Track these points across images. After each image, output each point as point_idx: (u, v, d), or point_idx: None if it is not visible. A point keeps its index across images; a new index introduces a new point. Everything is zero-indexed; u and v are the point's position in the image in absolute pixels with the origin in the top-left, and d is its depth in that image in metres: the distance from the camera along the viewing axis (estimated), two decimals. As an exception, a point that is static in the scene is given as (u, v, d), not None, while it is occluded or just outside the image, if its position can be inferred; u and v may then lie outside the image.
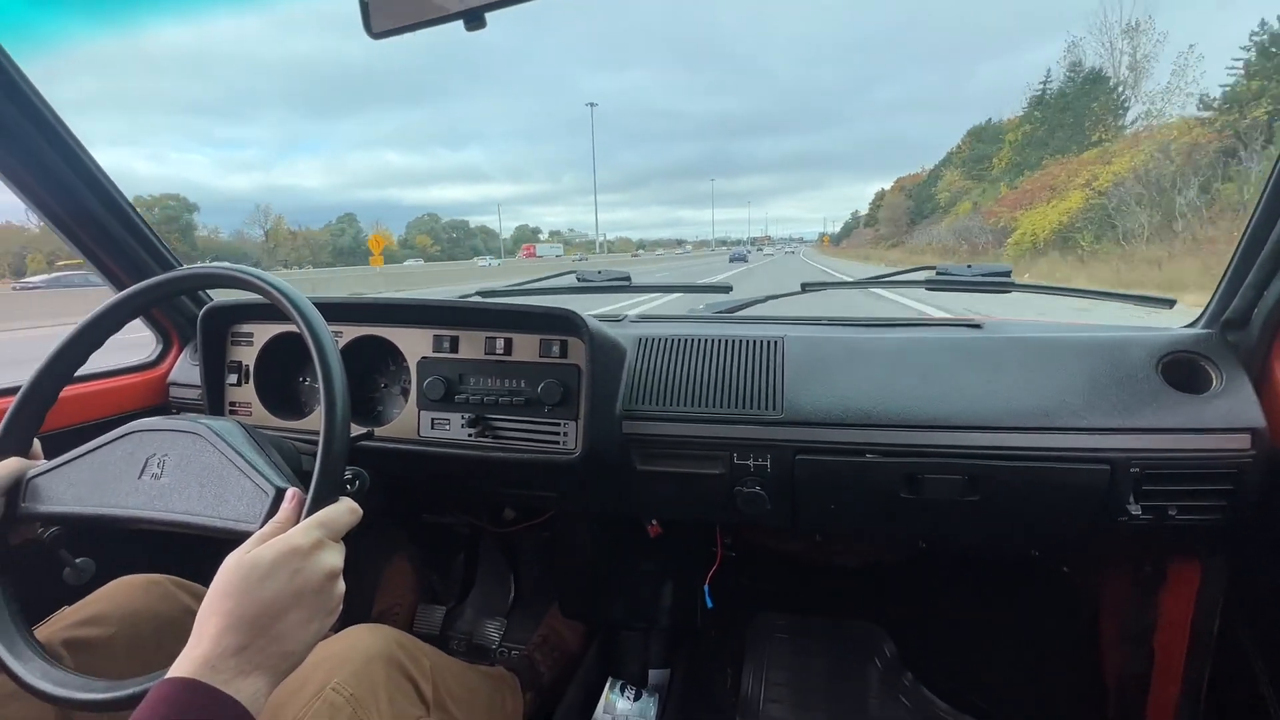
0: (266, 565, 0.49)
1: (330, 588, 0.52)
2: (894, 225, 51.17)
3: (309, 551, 0.51)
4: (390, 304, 1.00)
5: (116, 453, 0.67)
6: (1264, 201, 0.82)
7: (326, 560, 0.52)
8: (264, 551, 0.50)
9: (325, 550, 0.53)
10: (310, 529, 0.53)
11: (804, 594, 1.47)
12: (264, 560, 0.49)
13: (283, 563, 0.50)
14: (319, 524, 0.54)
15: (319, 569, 0.51)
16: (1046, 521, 0.90)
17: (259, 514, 0.59)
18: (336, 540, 0.55)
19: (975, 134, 43.52)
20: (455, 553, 1.58)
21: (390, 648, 0.75)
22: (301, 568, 0.50)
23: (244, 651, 0.46)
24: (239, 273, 0.70)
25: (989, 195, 32.12)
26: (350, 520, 0.57)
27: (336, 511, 0.56)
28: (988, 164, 38.02)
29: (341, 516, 0.56)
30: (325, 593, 0.52)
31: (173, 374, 1.24)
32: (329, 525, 0.55)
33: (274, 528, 0.54)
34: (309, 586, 0.50)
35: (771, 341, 0.98)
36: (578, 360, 0.93)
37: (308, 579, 0.50)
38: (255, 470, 0.62)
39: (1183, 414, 0.82)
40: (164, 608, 0.83)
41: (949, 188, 41.72)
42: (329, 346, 0.64)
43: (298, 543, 0.51)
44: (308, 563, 0.51)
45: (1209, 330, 0.90)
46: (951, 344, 0.95)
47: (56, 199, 1.01)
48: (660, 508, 1.11)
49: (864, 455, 0.89)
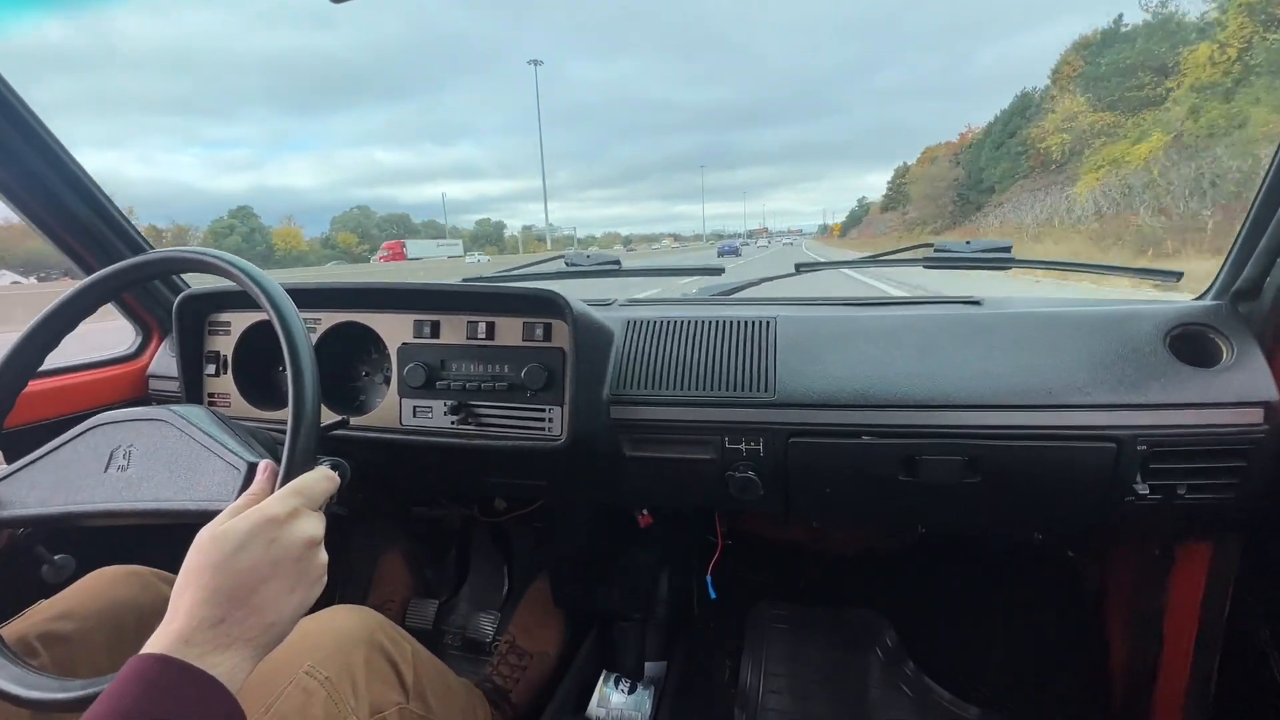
0: (241, 535, 0.47)
1: (310, 556, 0.50)
2: (935, 205, 39.49)
3: (285, 519, 0.49)
4: (369, 289, 0.97)
5: (80, 449, 0.65)
6: (1275, 168, 0.78)
7: (304, 528, 0.50)
8: (238, 522, 0.48)
9: (303, 518, 0.51)
10: (286, 497, 0.51)
11: (803, 582, 1.45)
12: (238, 530, 0.47)
13: (258, 532, 0.48)
14: (294, 491, 0.52)
15: (297, 536, 0.49)
16: (1050, 503, 0.86)
17: (232, 490, 0.58)
18: (315, 508, 0.53)
19: (1106, 39, 27.08)
20: (448, 545, 1.55)
21: (371, 629, 0.73)
22: (278, 536, 0.48)
23: (221, 625, 0.44)
24: (206, 256, 0.68)
25: (1215, 117, 16.75)
26: (327, 487, 0.55)
27: (312, 478, 0.54)
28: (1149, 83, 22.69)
29: (318, 484, 0.54)
30: (305, 561, 0.49)
31: (152, 366, 1.21)
32: (305, 492, 0.53)
33: (247, 499, 0.52)
34: (287, 555, 0.48)
35: (763, 322, 0.95)
36: (562, 343, 0.90)
37: (286, 547, 0.48)
38: (225, 448, 0.61)
39: (1192, 389, 0.78)
40: (146, 599, 0.81)
41: (1067, 126, 26.01)
42: (294, 323, 0.62)
43: (273, 511, 0.49)
44: (284, 531, 0.49)
45: (1219, 302, 0.86)
46: (950, 321, 0.92)
47: (18, 181, 0.97)
48: (651, 495, 1.08)
49: (860, 437, 0.85)
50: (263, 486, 0.54)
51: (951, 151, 43.32)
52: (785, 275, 1.24)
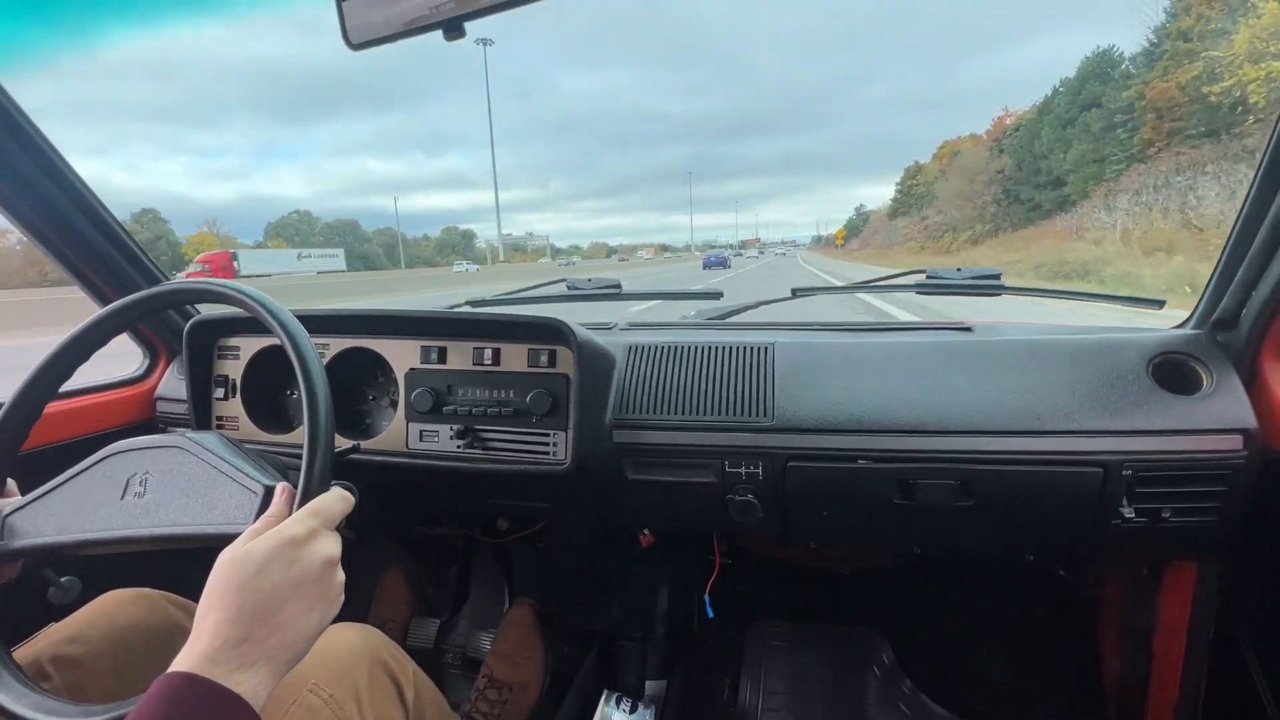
0: (261, 557, 0.49)
1: (329, 575, 0.52)
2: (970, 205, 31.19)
3: (304, 540, 0.51)
4: (377, 315, 1.00)
5: (96, 477, 0.66)
6: (1250, 200, 0.82)
7: (323, 548, 0.52)
8: (258, 544, 0.50)
9: (321, 538, 0.53)
10: (304, 518, 0.53)
11: (800, 601, 1.46)
12: (258, 552, 0.49)
13: (278, 554, 0.49)
14: (312, 513, 0.54)
15: (316, 557, 0.51)
16: (1041, 526, 0.89)
17: (249, 514, 0.59)
18: (331, 528, 0.55)
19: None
20: (449, 565, 1.56)
21: (375, 647, 0.74)
22: (298, 557, 0.50)
23: (244, 644, 0.46)
24: (221, 288, 0.70)
25: None
26: (343, 508, 0.57)
27: (329, 499, 0.56)
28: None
29: (334, 504, 0.56)
30: (324, 581, 0.51)
31: (160, 389, 1.23)
32: (323, 513, 0.54)
33: (266, 521, 0.53)
34: (307, 575, 0.50)
35: (761, 347, 0.98)
36: (566, 369, 0.92)
37: (305, 568, 0.50)
38: (241, 473, 0.62)
39: (1174, 415, 0.81)
40: (154, 622, 0.82)
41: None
42: (308, 351, 0.64)
43: (292, 532, 0.51)
44: (303, 551, 0.50)
45: (1198, 331, 0.89)
46: (942, 347, 0.95)
47: (39, 213, 1.00)
48: (652, 517, 1.10)
49: (856, 461, 0.88)
50: (281, 509, 0.56)
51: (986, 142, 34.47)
52: (781, 300, 1.27)
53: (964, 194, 32.48)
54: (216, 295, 0.70)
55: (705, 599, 1.29)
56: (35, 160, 0.95)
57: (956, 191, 33.56)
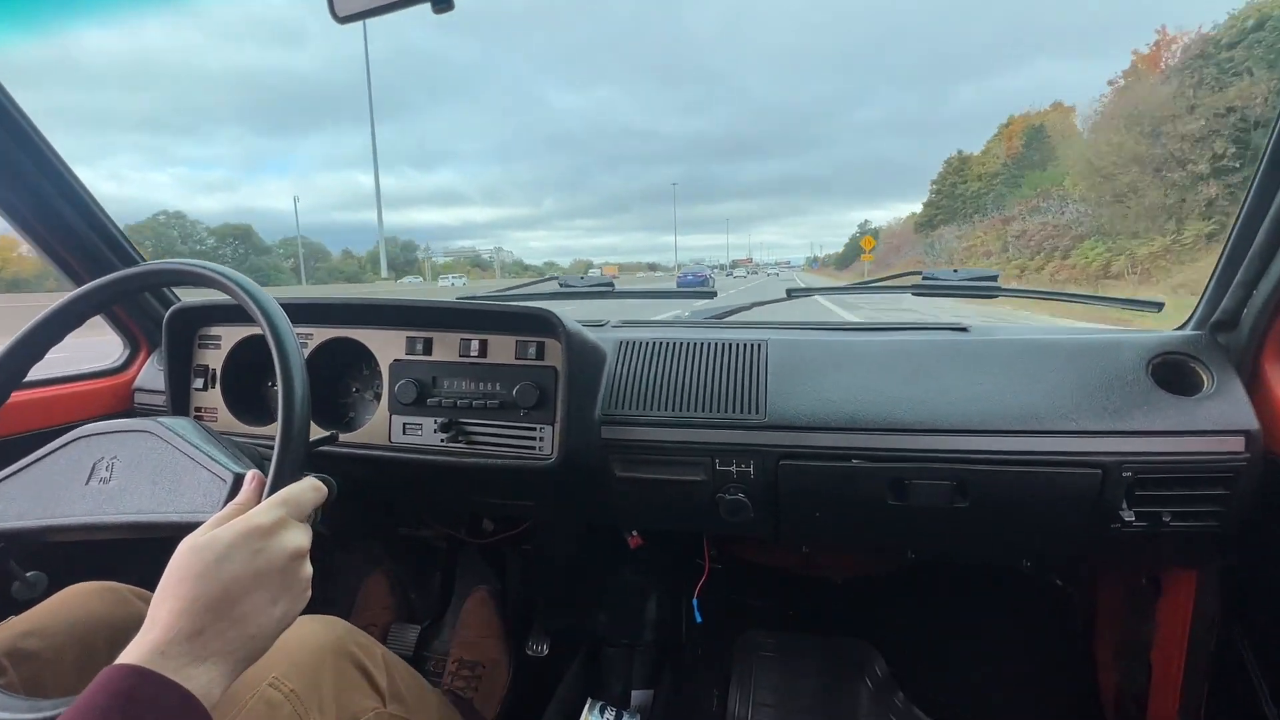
0: (224, 545, 0.46)
1: (295, 568, 0.49)
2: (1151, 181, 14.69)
3: (271, 530, 0.48)
4: (362, 305, 0.98)
5: (60, 461, 0.65)
6: (1249, 200, 0.81)
7: (290, 539, 0.49)
8: (221, 532, 0.47)
9: (289, 529, 0.50)
10: (272, 507, 0.50)
11: (792, 609, 1.43)
12: (221, 540, 0.46)
13: (242, 542, 0.47)
14: (281, 501, 0.51)
15: (282, 548, 0.48)
16: (1038, 529, 0.87)
17: (217, 502, 0.57)
18: (302, 519, 0.52)
19: None
20: (433, 568, 1.53)
21: (339, 637, 0.71)
22: (263, 547, 0.47)
23: (199, 637, 0.43)
24: (202, 269, 0.68)
25: None
26: (315, 498, 0.54)
27: (300, 489, 0.53)
28: None
29: (305, 494, 0.53)
30: (290, 573, 0.48)
31: (139, 379, 1.20)
32: (292, 503, 0.52)
33: (233, 509, 0.51)
34: (271, 566, 0.47)
35: (754, 345, 0.96)
36: (555, 362, 0.90)
37: (270, 558, 0.47)
38: (211, 459, 0.60)
39: (1174, 416, 0.80)
40: (119, 615, 0.79)
41: None
42: (286, 335, 0.62)
43: (258, 521, 0.48)
44: (269, 541, 0.48)
45: (1199, 332, 0.88)
46: (938, 346, 0.93)
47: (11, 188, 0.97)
48: (641, 516, 1.07)
49: (849, 460, 0.86)
50: (249, 496, 0.53)
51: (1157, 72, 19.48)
52: (776, 300, 1.25)
53: (1130, 162, 17.26)
54: (196, 277, 0.68)
55: (694, 603, 1.26)
56: (11, 135, 0.92)
57: (1111, 161, 18.28)
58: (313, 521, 0.56)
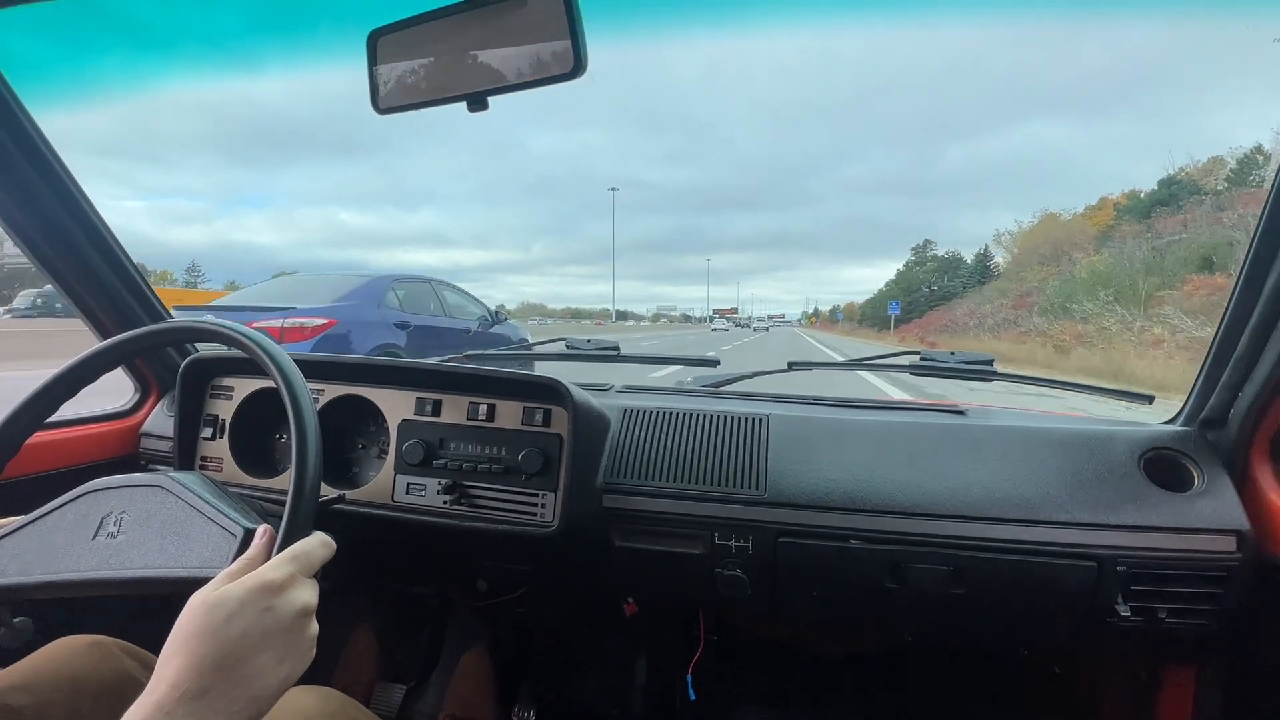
0: (234, 602, 0.46)
1: (302, 626, 0.49)
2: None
3: (281, 587, 0.49)
4: (374, 364, 1.00)
5: (68, 516, 0.64)
6: (1234, 301, 0.84)
7: (299, 597, 0.50)
8: (233, 588, 0.47)
9: (298, 586, 0.50)
10: (282, 563, 0.51)
11: (785, 685, 1.40)
12: (231, 597, 0.47)
13: (252, 600, 0.47)
14: (291, 558, 0.51)
15: (291, 606, 0.48)
16: (1036, 620, 0.87)
17: (226, 556, 0.57)
18: (310, 575, 0.53)
19: None
20: (422, 626, 1.50)
21: (334, 712, 0.70)
22: (272, 605, 0.47)
23: (204, 696, 0.43)
24: (222, 329, 0.70)
25: None
26: (324, 554, 0.55)
27: (309, 545, 0.54)
28: None
29: (315, 550, 0.54)
30: (296, 631, 0.49)
31: (146, 424, 1.21)
32: (302, 559, 0.52)
33: (243, 564, 0.51)
34: (279, 625, 0.47)
35: (756, 419, 0.98)
36: (560, 429, 0.92)
37: (278, 617, 0.47)
38: (221, 514, 0.60)
39: (1167, 512, 0.81)
40: (107, 672, 0.77)
41: None
42: (302, 393, 0.63)
43: (269, 578, 0.49)
44: (278, 600, 0.48)
45: (1188, 428, 0.90)
46: (935, 429, 0.95)
47: (48, 239, 1.00)
48: (638, 586, 1.07)
49: (848, 540, 0.87)
50: (259, 552, 0.54)
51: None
52: (778, 371, 1.28)
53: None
54: (217, 336, 0.70)
55: (688, 679, 1.23)
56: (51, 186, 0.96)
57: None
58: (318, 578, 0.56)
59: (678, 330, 45.74)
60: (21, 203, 0.95)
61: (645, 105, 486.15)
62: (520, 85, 0.62)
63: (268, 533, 0.56)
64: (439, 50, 0.64)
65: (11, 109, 0.89)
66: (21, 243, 0.99)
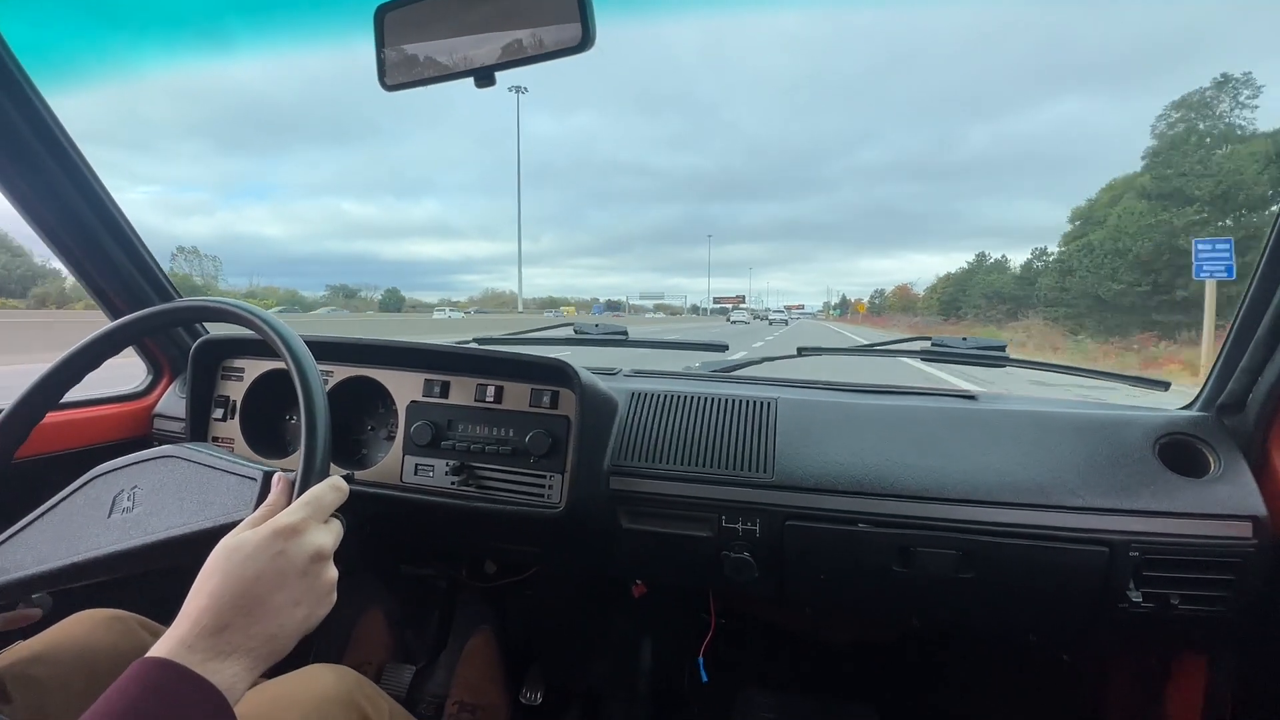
0: (251, 546, 0.49)
1: (317, 569, 0.51)
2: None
3: (294, 530, 0.51)
4: (383, 346, 1.00)
5: (78, 502, 0.64)
6: (1254, 285, 0.83)
7: (313, 540, 0.52)
8: (249, 534, 0.50)
9: (311, 530, 0.52)
10: (296, 508, 0.53)
11: (793, 669, 1.41)
12: (249, 541, 0.49)
13: (266, 543, 0.49)
14: (304, 503, 0.53)
15: (304, 549, 0.50)
16: (1045, 605, 0.86)
17: (249, 501, 0.58)
18: (323, 519, 0.54)
19: None
20: (432, 608, 1.51)
21: (350, 690, 0.72)
22: (285, 548, 0.50)
23: (223, 632, 0.45)
24: (234, 308, 0.70)
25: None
26: (336, 497, 0.56)
27: (321, 490, 0.55)
28: None
29: (326, 494, 0.55)
30: (311, 574, 0.51)
31: (159, 405, 1.23)
32: (314, 503, 0.54)
33: (265, 511, 0.54)
34: (293, 567, 0.49)
35: (764, 403, 0.97)
36: (568, 412, 0.92)
37: (291, 559, 0.49)
38: (236, 464, 0.61)
39: (1182, 498, 0.80)
40: (125, 646, 0.79)
41: None
42: (311, 371, 0.63)
43: (284, 522, 0.51)
44: (292, 543, 0.50)
45: (1205, 413, 0.89)
46: (946, 414, 0.94)
47: (59, 220, 1.01)
48: (646, 568, 1.07)
49: (856, 524, 0.86)
50: (279, 498, 0.56)
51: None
52: (787, 357, 1.27)
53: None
54: (228, 315, 0.70)
55: (699, 662, 1.24)
56: (62, 167, 0.96)
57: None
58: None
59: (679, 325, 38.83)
60: (35, 185, 0.96)
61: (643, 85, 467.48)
62: (528, 59, 0.61)
63: (284, 479, 0.57)
64: (447, 24, 0.64)
65: (25, 93, 0.89)
66: (35, 225, 1.00)
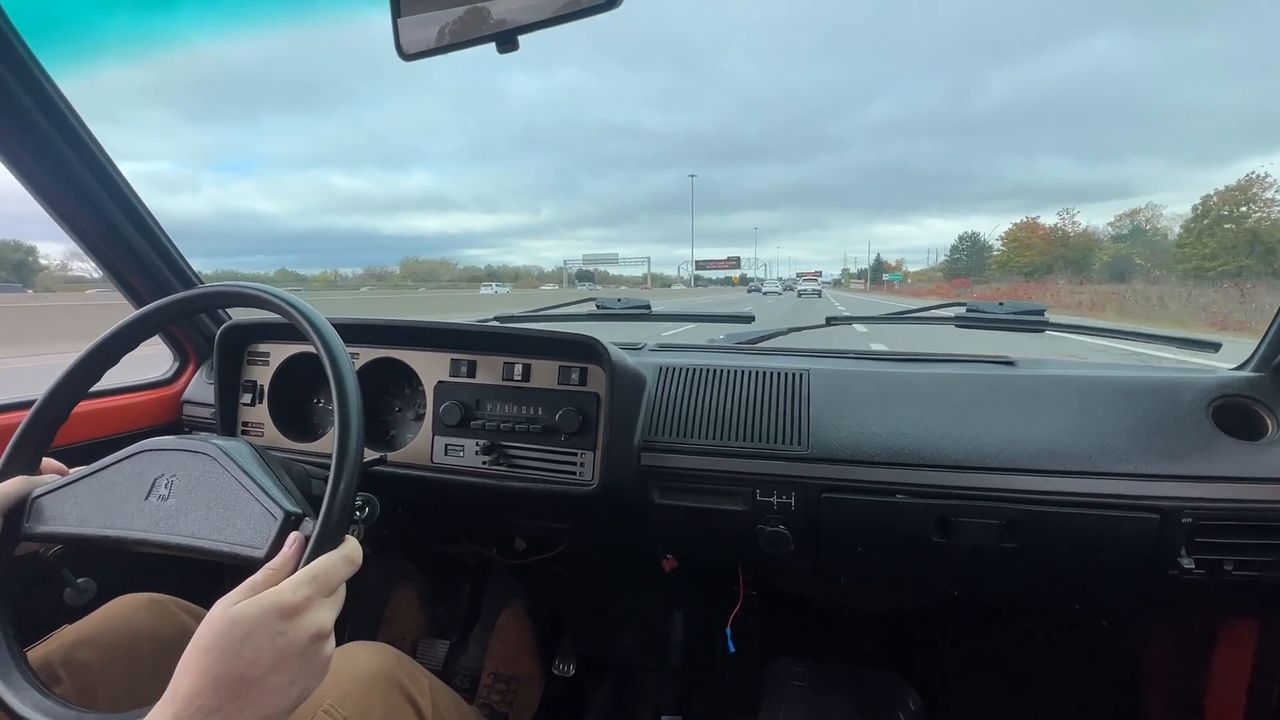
0: (250, 623, 0.47)
1: (316, 649, 0.50)
2: None
3: (296, 610, 0.49)
4: (409, 327, 0.99)
5: (125, 472, 0.66)
6: None
7: (314, 620, 0.50)
8: (249, 607, 0.48)
9: (314, 609, 0.50)
10: (300, 585, 0.50)
11: (825, 639, 1.41)
12: (248, 617, 0.47)
13: (267, 622, 0.47)
14: (310, 578, 0.51)
15: (305, 630, 0.49)
16: (1092, 573, 0.84)
17: (266, 538, 0.58)
18: (329, 595, 0.52)
19: None
20: (462, 584, 1.53)
21: (390, 667, 0.72)
22: (286, 630, 0.48)
23: (216, 714, 0.44)
24: (259, 291, 0.70)
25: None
26: (346, 572, 0.54)
27: (331, 564, 0.53)
28: None
29: (337, 569, 0.53)
30: (310, 655, 0.49)
31: (187, 392, 1.23)
32: (321, 579, 0.52)
33: (267, 575, 0.51)
34: (292, 649, 0.48)
35: (796, 374, 0.95)
36: (597, 388, 0.90)
37: (291, 641, 0.48)
38: (264, 493, 0.61)
39: (1237, 462, 0.77)
40: (164, 629, 0.81)
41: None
42: (346, 371, 0.63)
43: (286, 600, 0.49)
44: (293, 624, 0.48)
45: (1260, 374, 0.85)
46: (985, 381, 0.92)
47: (81, 211, 1.00)
48: (679, 544, 1.07)
49: (894, 495, 0.85)
50: (286, 562, 0.53)
51: None
52: (816, 326, 1.25)
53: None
54: (253, 300, 0.69)
55: (727, 632, 1.24)
56: (82, 159, 0.96)
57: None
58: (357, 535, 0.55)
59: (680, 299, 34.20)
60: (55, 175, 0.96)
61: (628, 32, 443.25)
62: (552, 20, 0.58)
63: (297, 541, 0.55)
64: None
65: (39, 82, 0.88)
66: (56, 215, 0.99)
